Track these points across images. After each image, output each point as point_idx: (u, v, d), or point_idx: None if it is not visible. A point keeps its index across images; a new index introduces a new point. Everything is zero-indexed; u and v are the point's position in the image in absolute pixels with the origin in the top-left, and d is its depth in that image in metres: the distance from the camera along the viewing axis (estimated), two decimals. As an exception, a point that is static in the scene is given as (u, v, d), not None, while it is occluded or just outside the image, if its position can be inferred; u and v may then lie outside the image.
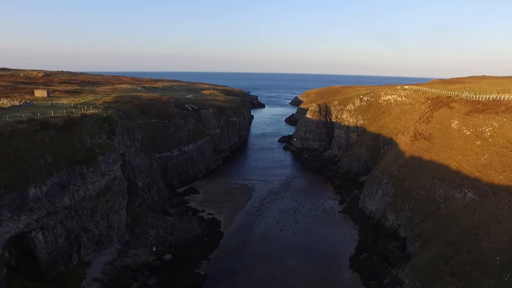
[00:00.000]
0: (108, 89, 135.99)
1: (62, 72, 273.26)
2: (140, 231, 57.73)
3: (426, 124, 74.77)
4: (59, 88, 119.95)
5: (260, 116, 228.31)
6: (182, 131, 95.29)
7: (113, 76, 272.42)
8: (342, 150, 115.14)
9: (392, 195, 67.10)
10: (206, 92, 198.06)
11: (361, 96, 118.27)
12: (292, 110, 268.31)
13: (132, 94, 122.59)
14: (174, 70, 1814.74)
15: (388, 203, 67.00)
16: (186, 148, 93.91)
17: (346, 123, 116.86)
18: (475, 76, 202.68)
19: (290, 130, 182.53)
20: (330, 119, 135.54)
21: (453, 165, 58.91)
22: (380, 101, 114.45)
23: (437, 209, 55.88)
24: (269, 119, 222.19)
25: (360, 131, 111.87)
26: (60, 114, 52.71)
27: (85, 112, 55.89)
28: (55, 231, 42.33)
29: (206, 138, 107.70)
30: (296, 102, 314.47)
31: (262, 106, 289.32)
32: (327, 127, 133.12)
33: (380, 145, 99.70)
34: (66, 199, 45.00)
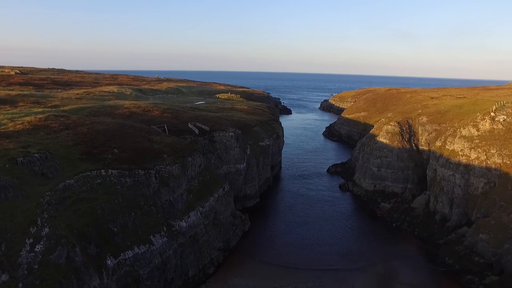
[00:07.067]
0: (75, 93, 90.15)
1: (52, 69, 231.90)
2: None
3: None
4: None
5: (290, 126, 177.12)
6: (177, 188, 47.41)
7: (110, 75, 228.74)
8: (458, 207, 66.05)
9: None
10: (222, 96, 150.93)
11: (492, 114, 68.54)
12: (326, 118, 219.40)
13: (105, 103, 76.39)
14: (187, 69, 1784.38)
15: None
16: (183, 223, 46.30)
17: (464, 160, 67.58)
18: None
19: (336, 150, 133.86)
20: (416, 146, 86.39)
21: None
22: (527, 123, 64.93)
23: None
24: (302, 130, 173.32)
25: (495, 176, 62.46)
26: None
27: None
28: None
29: (224, 188, 59.97)
30: (327, 107, 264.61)
31: (288, 111, 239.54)
32: (413, 159, 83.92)
33: (563, 215, 50.54)
34: None
